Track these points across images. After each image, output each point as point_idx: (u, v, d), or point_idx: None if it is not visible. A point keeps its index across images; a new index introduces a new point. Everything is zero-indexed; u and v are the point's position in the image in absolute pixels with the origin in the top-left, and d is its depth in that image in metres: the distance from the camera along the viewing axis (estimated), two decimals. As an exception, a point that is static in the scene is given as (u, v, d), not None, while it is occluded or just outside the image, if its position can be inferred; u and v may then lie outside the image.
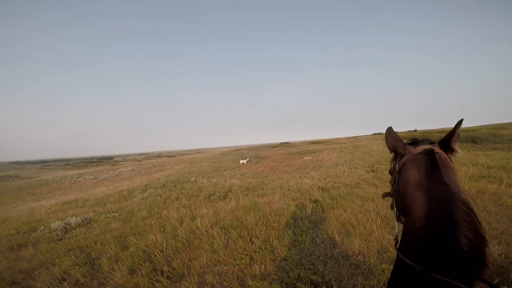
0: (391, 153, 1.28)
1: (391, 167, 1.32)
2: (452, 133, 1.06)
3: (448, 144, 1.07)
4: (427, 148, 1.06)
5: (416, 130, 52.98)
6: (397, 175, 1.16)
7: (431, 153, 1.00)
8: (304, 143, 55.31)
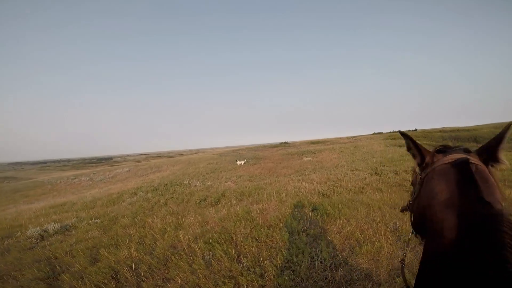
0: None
1: (413, 179, 1.18)
2: (499, 139, 0.83)
3: (492, 153, 0.84)
4: (460, 157, 0.85)
5: (416, 129, 52.56)
6: (419, 187, 0.98)
7: (465, 164, 0.81)
8: (304, 143, 54.83)
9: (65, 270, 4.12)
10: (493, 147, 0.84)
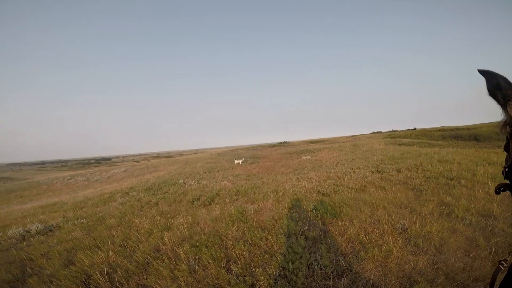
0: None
1: (508, 138, 0.83)
2: None
3: None
4: None
5: (415, 128, 52.35)
6: None
7: None
8: (303, 142, 54.53)
9: (36, 273, 3.79)
10: None
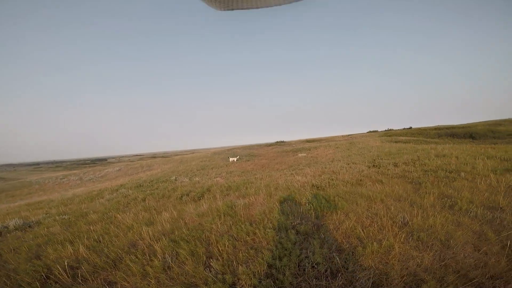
0: None
1: None
2: None
3: None
4: None
5: (411, 127, 52.46)
6: None
7: None
8: (299, 141, 54.36)
9: (-1, 268, 3.48)
10: None
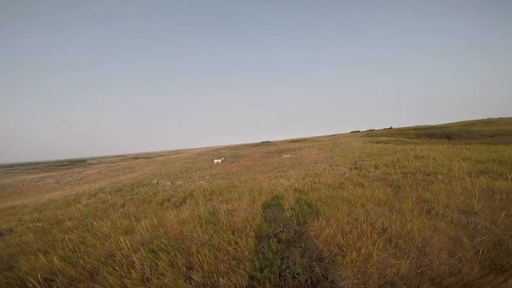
0: None
1: None
2: None
3: None
4: None
5: (391, 127, 54.26)
6: None
7: None
8: (284, 141, 54.80)
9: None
10: None
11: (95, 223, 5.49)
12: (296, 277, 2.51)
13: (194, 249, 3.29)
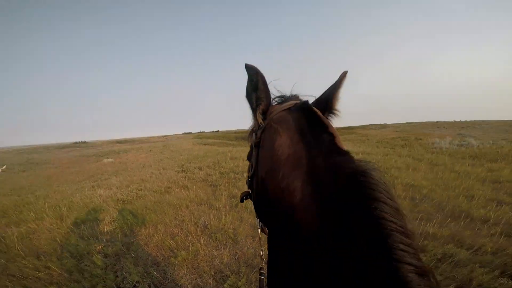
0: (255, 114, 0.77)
1: (252, 146, 0.83)
2: (335, 87, 0.73)
3: (328, 101, 0.72)
4: (299, 102, 0.71)
5: (218, 130, 60.27)
6: (257, 151, 0.73)
7: (306, 106, 0.66)
8: (109, 142, 47.92)
9: None
10: (330, 95, 0.73)
11: None
12: (136, 285, 2.54)
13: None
